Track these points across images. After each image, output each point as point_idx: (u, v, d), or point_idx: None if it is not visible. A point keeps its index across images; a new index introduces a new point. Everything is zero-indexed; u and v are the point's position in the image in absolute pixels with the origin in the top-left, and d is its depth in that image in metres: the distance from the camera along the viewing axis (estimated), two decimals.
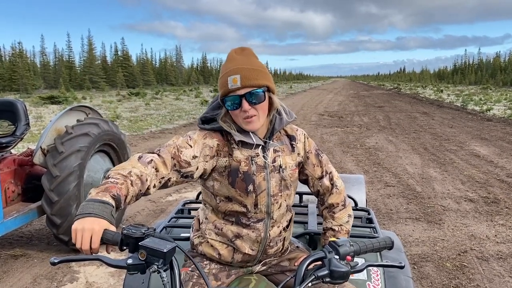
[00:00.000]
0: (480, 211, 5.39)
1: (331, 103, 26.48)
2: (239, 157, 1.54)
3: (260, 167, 1.55)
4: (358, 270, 1.26)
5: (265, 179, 1.55)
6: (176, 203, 5.63)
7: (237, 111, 1.50)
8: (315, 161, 1.69)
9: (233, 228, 1.58)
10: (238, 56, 1.55)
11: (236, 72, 1.48)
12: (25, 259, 4.03)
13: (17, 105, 4.21)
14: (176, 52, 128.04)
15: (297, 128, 1.70)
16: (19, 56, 61.00)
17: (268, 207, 1.57)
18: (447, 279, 3.62)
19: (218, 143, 1.53)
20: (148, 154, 1.44)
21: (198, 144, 1.50)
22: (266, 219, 1.58)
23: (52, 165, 3.82)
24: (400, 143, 10.73)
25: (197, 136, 1.53)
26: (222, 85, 1.51)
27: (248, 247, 1.59)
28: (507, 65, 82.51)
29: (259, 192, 1.54)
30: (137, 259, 1.15)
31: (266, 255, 1.64)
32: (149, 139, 11.66)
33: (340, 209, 1.72)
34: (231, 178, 1.53)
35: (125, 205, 1.30)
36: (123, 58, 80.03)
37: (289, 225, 1.68)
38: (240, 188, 1.53)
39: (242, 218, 1.57)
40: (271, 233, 1.60)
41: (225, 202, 1.57)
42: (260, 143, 1.55)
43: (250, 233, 1.57)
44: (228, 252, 1.60)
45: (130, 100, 30.36)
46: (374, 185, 6.60)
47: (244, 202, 1.54)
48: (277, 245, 1.64)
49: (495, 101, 25.18)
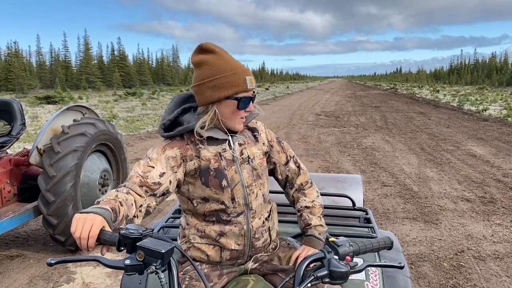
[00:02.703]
0: (477, 210, 5.40)
1: (328, 103, 26.52)
2: (207, 155, 1.55)
3: (230, 161, 1.57)
4: (358, 270, 1.25)
5: (237, 172, 1.57)
6: (173, 203, 5.62)
7: (241, 111, 1.55)
8: (278, 148, 1.75)
9: (215, 227, 1.59)
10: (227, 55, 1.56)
11: (250, 73, 1.54)
12: (21, 260, 4.01)
13: (13, 105, 4.18)
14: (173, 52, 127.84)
15: (256, 121, 1.74)
16: (15, 56, 60.80)
17: (245, 199, 1.58)
18: (444, 279, 3.63)
19: (179, 151, 1.54)
20: (122, 188, 1.42)
21: (160, 160, 1.50)
22: (246, 211, 1.60)
23: (48, 165, 3.80)
24: (396, 143, 10.75)
25: (156, 153, 1.52)
26: (235, 83, 1.50)
27: (233, 243, 1.59)
28: (503, 66, 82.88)
29: (233, 185, 1.56)
30: (135, 260, 1.13)
31: (255, 249, 1.64)
32: (145, 139, 11.63)
33: (309, 187, 1.79)
34: (203, 178, 1.54)
35: (119, 223, 1.29)
36: (120, 58, 79.86)
37: (270, 215, 1.70)
38: (214, 185, 1.54)
39: (222, 215, 1.58)
40: (253, 225, 1.61)
41: (202, 204, 1.57)
42: (226, 138, 1.59)
43: (233, 228, 1.58)
44: (215, 252, 1.60)
45: (126, 100, 30.30)
46: (371, 185, 6.60)
47: (221, 199, 1.55)
48: (263, 236, 1.65)
49: (491, 101, 25.28)
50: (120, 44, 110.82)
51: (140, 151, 9.61)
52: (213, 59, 1.52)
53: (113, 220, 1.25)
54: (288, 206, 2.34)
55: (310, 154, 9.16)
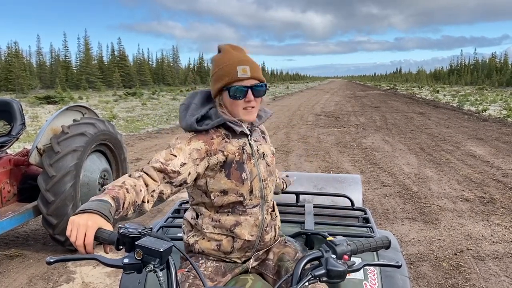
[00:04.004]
0: (476, 210, 5.41)
1: (328, 104, 26.52)
2: (232, 149, 1.58)
3: (249, 155, 1.61)
4: (355, 270, 1.26)
5: (255, 165, 1.61)
6: (173, 203, 5.62)
7: (240, 101, 1.55)
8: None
9: (230, 217, 1.60)
10: (235, 51, 1.58)
11: (245, 63, 1.53)
12: (21, 260, 4.01)
13: (13, 104, 4.19)
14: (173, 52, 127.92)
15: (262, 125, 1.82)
16: (15, 56, 60.75)
17: (261, 192, 1.62)
18: (444, 279, 3.63)
19: (204, 144, 1.55)
20: (135, 172, 1.45)
21: (184, 151, 1.50)
22: (262, 203, 1.63)
23: (48, 165, 3.81)
24: (396, 143, 10.76)
25: (180, 143, 1.53)
26: (227, 73, 1.53)
27: (247, 233, 1.61)
28: (503, 66, 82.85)
29: (252, 178, 1.59)
30: (133, 259, 1.14)
31: (264, 243, 1.67)
32: (145, 139, 11.64)
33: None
34: (226, 171, 1.56)
35: (124, 211, 1.30)
36: (120, 58, 79.80)
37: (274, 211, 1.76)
38: (235, 177, 1.56)
39: (238, 207, 1.60)
40: (267, 217, 1.65)
41: (220, 197, 1.58)
42: (248, 133, 1.63)
43: (248, 218, 1.61)
44: (227, 242, 1.61)
45: (126, 100, 30.30)
46: (370, 185, 6.61)
47: (240, 191, 1.57)
48: (272, 230, 1.69)
49: (490, 102, 25.27)
50: (120, 44, 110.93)
51: (140, 151, 9.62)
52: (218, 57, 1.59)
53: (116, 208, 1.26)
54: (288, 206, 2.35)
55: (310, 154, 9.17)
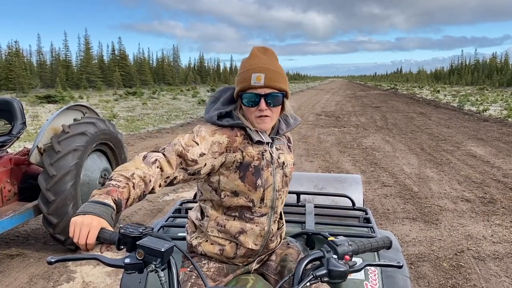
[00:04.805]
0: (477, 211, 5.40)
1: (328, 103, 26.51)
2: (252, 152, 1.54)
3: (268, 162, 1.57)
4: (357, 270, 1.26)
5: (272, 174, 1.58)
6: (173, 203, 5.62)
7: (253, 109, 1.52)
8: None
9: (236, 223, 1.58)
10: (262, 55, 1.55)
11: (261, 71, 1.50)
12: (21, 259, 4.01)
13: (13, 104, 4.19)
14: (174, 52, 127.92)
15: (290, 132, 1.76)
16: (16, 55, 60.73)
17: (273, 202, 1.60)
18: (444, 279, 3.63)
19: (227, 139, 1.52)
20: (152, 153, 1.42)
21: (206, 141, 1.48)
22: (270, 214, 1.61)
23: (48, 164, 3.80)
24: (397, 143, 10.76)
25: (205, 132, 1.51)
26: (243, 80, 1.52)
27: (251, 242, 1.59)
28: (504, 66, 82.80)
29: (266, 186, 1.56)
30: (134, 259, 1.14)
31: (267, 250, 1.67)
32: (146, 139, 11.64)
33: None
34: (242, 173, 1.53)
35: (126, 207, 1.30)
36: (120, 58, 79.78)
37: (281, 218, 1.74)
38: (249, 182, 1.53)
39: (246, 212, 1.58)
40: (273, 227, 1.63)
41: (230, 197, 1.56)
42: (269, 141, 1.58)
43: (254, 227, 1.59)
44: (231, 248, 1.60)
45: (127, 100, 30.30)
46: (371, 185, 6.61)
47: (251, 197, 1.55)
48: (277, 239, 1.68)
49: (491, 102, 25.27)
50: (120, 43, 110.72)
51: (141, 151, 9.58)
52: (245, 60, 1.58)
53: (117, 211, 1.25)
54: (288, 206, 2.35)
55: (310, 154, 9.16)
